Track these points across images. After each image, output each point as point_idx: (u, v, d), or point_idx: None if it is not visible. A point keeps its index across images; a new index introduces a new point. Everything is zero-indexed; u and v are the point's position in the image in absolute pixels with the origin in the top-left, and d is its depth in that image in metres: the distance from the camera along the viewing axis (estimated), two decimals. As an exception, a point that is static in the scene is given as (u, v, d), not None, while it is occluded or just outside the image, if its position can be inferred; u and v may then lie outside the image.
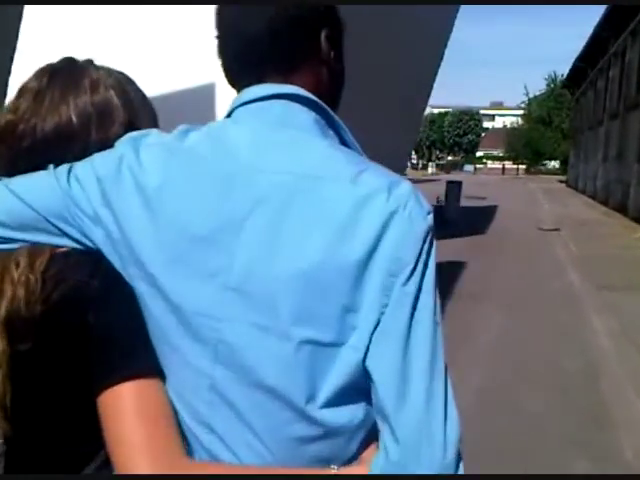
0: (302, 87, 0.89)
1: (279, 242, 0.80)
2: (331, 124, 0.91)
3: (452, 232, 15.07)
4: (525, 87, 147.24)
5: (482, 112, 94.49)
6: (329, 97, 0.94)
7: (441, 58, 18.11)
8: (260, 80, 0.89)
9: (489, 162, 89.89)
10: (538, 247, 13.26)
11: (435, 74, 18.54)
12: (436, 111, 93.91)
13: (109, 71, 1.08)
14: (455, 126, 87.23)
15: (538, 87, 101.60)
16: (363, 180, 0.82)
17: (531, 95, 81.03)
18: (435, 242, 0.84)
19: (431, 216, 0.83)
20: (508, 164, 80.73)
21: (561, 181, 53.54)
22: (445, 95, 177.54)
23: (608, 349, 5.87)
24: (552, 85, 76.89)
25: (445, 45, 17.96)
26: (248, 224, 0.81)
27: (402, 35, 13.96)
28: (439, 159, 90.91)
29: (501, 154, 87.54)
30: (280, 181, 0.82)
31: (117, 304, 0.88)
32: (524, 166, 77.83)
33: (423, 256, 0.81)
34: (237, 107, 0.90)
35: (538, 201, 29.07)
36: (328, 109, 0.91)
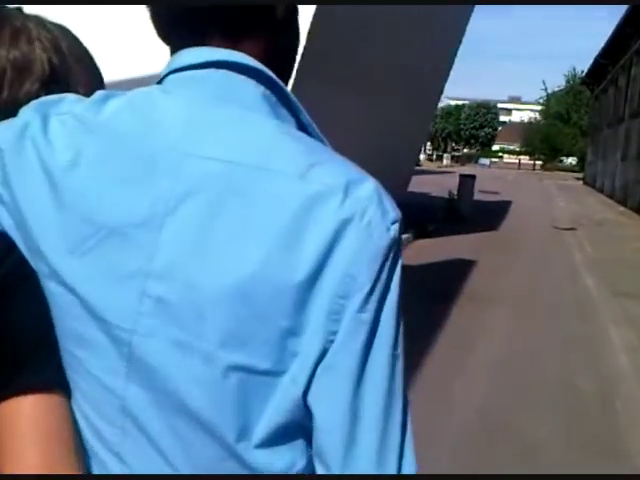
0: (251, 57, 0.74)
1: (208, 246, 0.67)
2: (285, 103, 0.75)
3: (464, 228, 14.61)
4: (544, 82, 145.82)
5: (499, 106, 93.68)
6: (280, 74, 0.77)
7: (456, 51, 17.74)
8: (200, 42, 0.74)
9: (505, 156, 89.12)
10: (552, 247, 12.74)
11: (450, 67, 18.13)
12: (453, 103, 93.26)
13: (42, 22, 0.94)
14: (472, 119, 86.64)
15: (557, 83, 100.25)
16: (315, 175, 0.68)
17: (550, 91, 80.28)
18: (401, 259, 0.71)
19: (397, 226, 0.70)
20: (524, 159, 79.94)
21: (578, 178, 52.73)
22: (462, 87, 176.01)
23: (626, 368, 5.40)
24: (571, 81, 76.02)
25: (460, 40, 17.55)
26: (172, 220, 0.68)
27: (419, 29, 13.60)
28: (455, 151, 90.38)
29: (517, 149, 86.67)
30: (214, 170, 0.68)
31: (22, 302, 0.74)
32: (540, 162, 76.95)
33: (383, 276, 0.68)
34: (169, 74, 0.75)
35: (554, 198, 28.44)
36: (282, 85, 0.75)
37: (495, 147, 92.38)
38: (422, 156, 77.56)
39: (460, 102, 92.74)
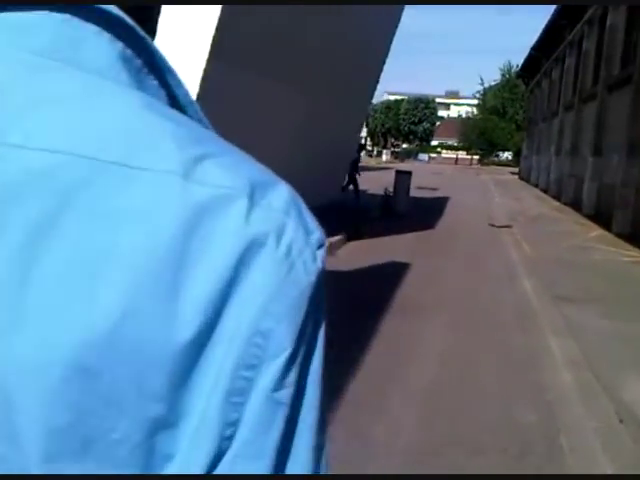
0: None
1: (25, 294, 0.42)
2: (154, 69, 0.51)
3: (400, 227, 14.03)
4: (480, 77, 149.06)
5: (438, 100, 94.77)
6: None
7: (389, 47, 17.27)
8: None
9: (443, 151, 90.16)
10: (489, 247, 12.28)
11: (383, 61, 17.63)
12: (392, 98, 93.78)
13: None
14: (411, 113, 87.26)
15: (494, 77, 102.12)
16: (204, 174, 0.44)
17: (486, 85, 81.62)
18: (324, 304, 0.45)
19: (324, 252, 0.47)
20: (462, 154, 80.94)
21: (513, 173, 53.51)
22: (401, 83, 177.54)
23: (570, 389, 4.81)
24: (507, 75, 77.39)
25: (393, 36, 17.12)
26: None
27: (352, 24, 13.01)
28: (395, 147, 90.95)
29: (455, 144, 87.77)
30: (41, 168, 0.44)
31: None
32: (477, 157, 78.11)
33: (308, 331, 0.44)
34: None
35: (490, 193, 28.40)
36: (151, 42, 0.51)
37: (434, 142, 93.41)
38: (361, 153, 77.78)
39: (399, 97, 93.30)
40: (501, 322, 6.69)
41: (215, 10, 7.33)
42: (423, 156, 78.17)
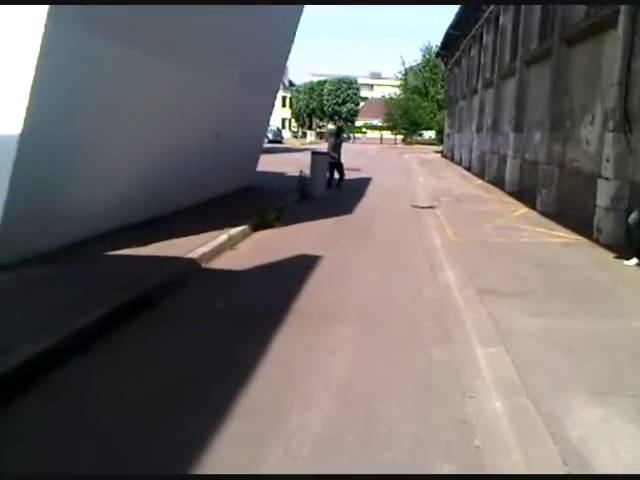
0: None
1: None
2: None
3: (314, 212, 12.91)
4: (401, 57, 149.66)
5: (361, 81, 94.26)
6: None
7: (293, 37, 16.23)
8: None
9: (368, 131, 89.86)
10: (411, 232, 11.32)
11: (290, 44, 16.49)
12: (316, 79, 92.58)
13: None
14: (334, 94, 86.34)
15: (415, 58, 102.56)
16: None
17: (407, 65, 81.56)
18: None
19: None
20: (386, 134, 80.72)
21: (437, 151, 53.42)
22: (326, 66, 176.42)
23: (503, 426, 3.79)
24: (427, 56, 77.47)
25: (294, 31, 16.11)
26: None
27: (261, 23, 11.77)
28: (319, 127, 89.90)
29: (380, 124, 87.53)
30: None
31: None
32: (401, 136, 78.09)
33: None
34: None
35: (413, 172, 27.70)
36: None
37: (358, 123, 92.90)
38: (286, 134, 76.25)
39: (322, 78, 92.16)
40: (419, 329, 5.64)
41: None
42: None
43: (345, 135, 75.85)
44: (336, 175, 17.51)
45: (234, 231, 9.00)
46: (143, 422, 3.64)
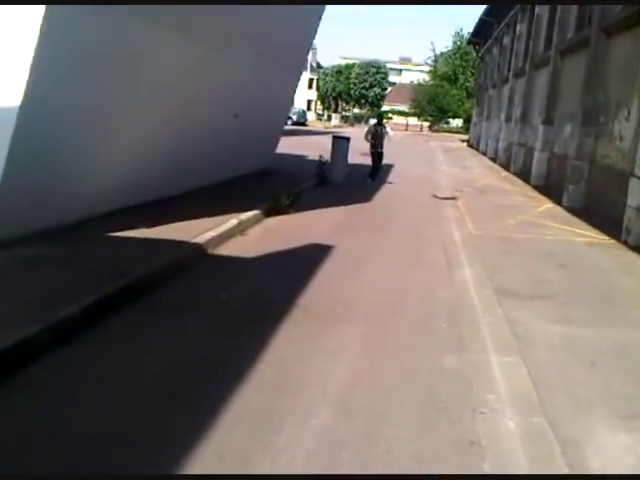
0: None
1: None
2: None
3: (331, 199, 12.53)
4: (432, 43, 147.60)
5: (390, 66, 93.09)
6: None
7: (319, 17, 15.80)
8: None
9: (394, 117, 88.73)
10: (429, 224, 10.91)
11: (315, 28, 16.07)
12: (344, 62, 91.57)
13: None
14: (362, 78, 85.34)
15: (445, 44, 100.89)
16: None
17: (438, 52, 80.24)
18: None
19: None
20: (412, 120, 79.60)
21: (463, 140, 52.53)
22: (354, 50, 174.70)
23: (516, 452, 3.43)
24: (458, 42, 76.10)
25: (321, 11, 15.66)
26: None
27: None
28: (345, 111, 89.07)
29: (406, 109, 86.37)
30: None
31: None
32: (428, 123, 77.03)
33: None
34: None
35: (437, 161, 27.15)
36: None
37: (385, 108, 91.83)
38: (311, 116, 75.61)
39: (350, 61, 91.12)
40: (430, 333, 5.27)
41: None
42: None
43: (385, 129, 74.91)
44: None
45: (245, 216, 8.68)
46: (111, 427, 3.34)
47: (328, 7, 16.34)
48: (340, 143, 15.40)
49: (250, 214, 8.94)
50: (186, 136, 9.62)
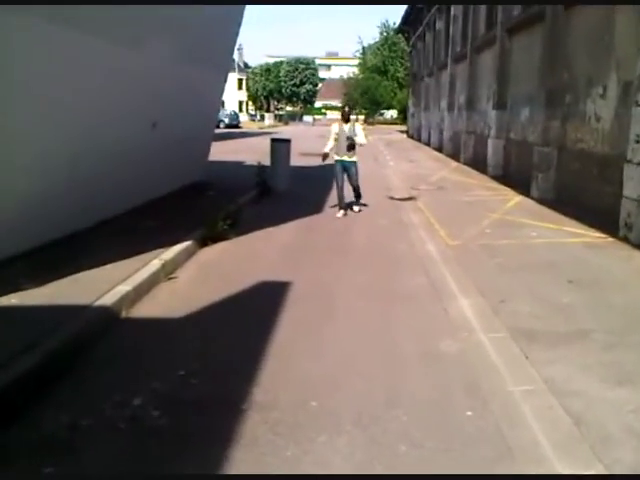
0: None
1: None
2: None
3: (277, 213, 10.73)
4: (359, 36, 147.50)
5: (318, 62, 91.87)
6: None
7: (241, 13, 13.97)
8: None
9: (328, 112, 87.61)
10: (395, 235, 9.25)
11: (238, 25, 14.25)
12: (272, 61, 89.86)
13: None
14: (291, 75, 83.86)
15: (373, 36, 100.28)
16: None
17: (365, 44, 79.49)
18: None
19: None
20: (346, 114, 78.38)
21: (401, 131, 51.47)
22: (281, 47, 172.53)
23: None
24: (385, 33, 75.52)
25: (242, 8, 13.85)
26: None
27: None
28: (278, 110, 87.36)
29: (340, 104, 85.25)
30: None
31: None
32: (362, 116, 76.04)
33: None
34: None
35: (382, 156, 25.67)
36: None
37: (318, 104, 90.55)
38: (244, 117, 73.35)
39: (278, 59, 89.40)
40: (458, 439, 3.56)
41: None
42: (308, 118, 75.13)
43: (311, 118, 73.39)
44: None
45: (172, 252, 6.78)
46: None
47: (250, 6, 14.52)
48: (280, 147, 13.58)
49: (179, 248, 7.05)
50: (91, 154, 7.65)
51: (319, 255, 7.82)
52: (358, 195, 11.07)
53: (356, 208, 11.13)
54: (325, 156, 10.60)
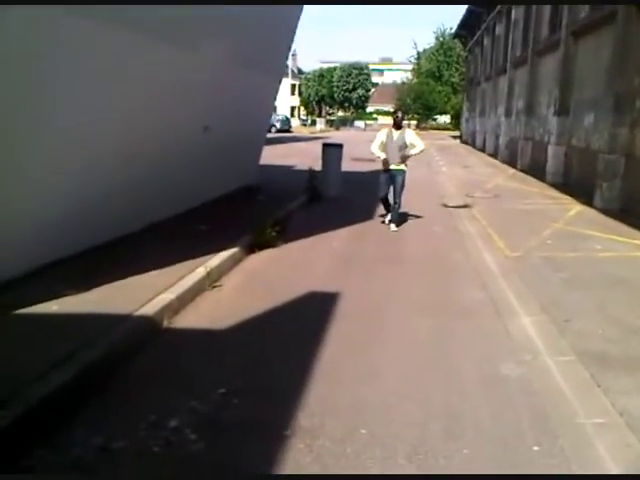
0: None
1: None
2: None
3: (327, 219, 10.44)
4: (413, 41, 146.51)
5: (371, 67, 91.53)
6: None
7: (297, 17, 13.73)
8: None
9: (380, 117, 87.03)
10: (450, 245, 8.84)
11: (294, 30, 14.04)
12: (325, 66, 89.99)
13: None
14: (344, 81, 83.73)
15: (427, 42, 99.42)
16: None
17: (420, 49, 78.82)
18: None
19: None
20: (399, 120, 77.70)
21: (454, 137, 50.63)
22: (335, 53, 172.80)
23: None
24: (441, 38, 74.69)
25: (299, 12, 13.61)
26: None
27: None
28: (329, 115, 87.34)
29: (392, 109, 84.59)
30: None
31: None
32: (415, 121, 75.24)
33: None
34: None
35: (435, 161, 25.13)
36: None
37: (369, 109, 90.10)
38: (295, 122, 73.54)
39: (332, 65, 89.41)
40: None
41: None
42: (359, 123, 74.74)
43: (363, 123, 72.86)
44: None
45: (218, 260, 6.55)
46: None
47: (305, 12, 14.28)
48: (332, 151, 13.30)
49: (225, 255, 6.83)
50: (145, 158, 7.54)
51: (370, 265, 7.49)
52: (397, 210, 9.71)
53: (394, 227, 9.66)
54: (385, 162, 9.48)
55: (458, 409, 3.74)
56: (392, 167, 9.52)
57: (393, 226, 9.70)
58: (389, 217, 9.93)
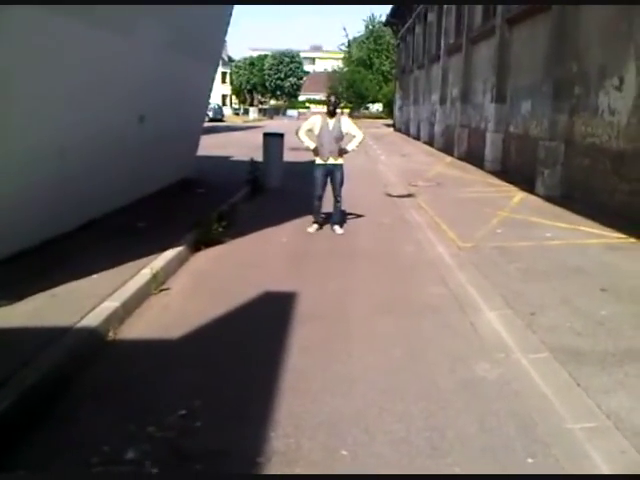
0: None
1: None
2: None
3: (272, 212, 10.08)
4: (344, 29, 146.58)
5: (303, 55, 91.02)
6: None
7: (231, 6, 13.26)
8: None
9: (312, 106, 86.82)
10: (400, 237, 8.63)
11: (229, 17, 13.53)
12: (256, 54, 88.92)
13: None
14: (276, 69, 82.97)
15: (358, 30, 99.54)
16: None
17: (350, 38, 78.82)
18: None
19: None
20: (331, 108, 77.62)
21: (388, 125, 50.86)
22: (265, 41, 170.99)
23: None
24: (371, 27, 74.92)
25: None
26: None
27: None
28: (262, 103, 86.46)
29: (324, 98, 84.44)
30: None
31: None
32: (347, 110, 75.34)
33: None
34: None
35: (372, 150, 25.03)
36: None
37: (302, 97, 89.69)
38: (227, 111, 72.28)
39: (263, 53, 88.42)
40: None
41: None
42: (292, 112, 74.30)
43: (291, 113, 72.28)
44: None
45: (163, 260, 6.10)
46: None
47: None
48: (273, 142, 12.92)
49: (170, 254, 6.37)
50: (74, 151, 6.95)
51: (322, 259, 7.18)
52: (339, 209, 8.77)
53: (339, 229, 8.68)
54: (316, 151, 8.38)
55: (440, 420, 3.48)
56: (329, 162, 8.41)
57: (338, 228, 8.69)
58: (315, 227, 8.73)
